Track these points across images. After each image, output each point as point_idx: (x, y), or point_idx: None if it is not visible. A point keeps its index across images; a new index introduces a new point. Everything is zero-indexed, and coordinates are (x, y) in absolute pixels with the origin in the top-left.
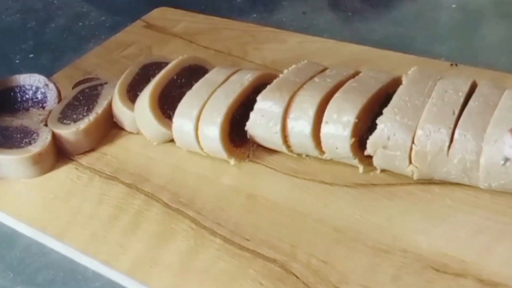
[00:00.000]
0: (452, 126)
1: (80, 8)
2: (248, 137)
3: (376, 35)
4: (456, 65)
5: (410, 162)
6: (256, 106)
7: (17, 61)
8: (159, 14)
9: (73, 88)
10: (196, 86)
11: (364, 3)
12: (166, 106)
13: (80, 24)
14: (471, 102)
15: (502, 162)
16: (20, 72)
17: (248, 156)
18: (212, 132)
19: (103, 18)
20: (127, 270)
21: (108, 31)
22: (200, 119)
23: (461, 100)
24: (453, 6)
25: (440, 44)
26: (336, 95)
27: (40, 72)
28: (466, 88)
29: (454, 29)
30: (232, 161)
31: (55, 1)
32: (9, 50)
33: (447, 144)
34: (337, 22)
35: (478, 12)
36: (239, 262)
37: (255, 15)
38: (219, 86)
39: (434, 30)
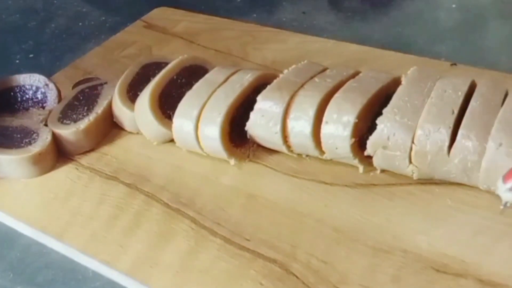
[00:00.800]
0: (451, 126)
1: (80, 8)
2: (248, 137)
3: (376, 35)
4: (455, 64)
5: (410, 162)
6: (256, 106)
7: (17, 61)
8: (159, 14)
9: (73, 88)
10: (196, 86)
11: (364, 3)
12: (166, 106)
13: (80, 24)
14: (472, 102)
15: (502, 206)
16: (20, 72)
17: (248, 156)
18: (212, 132)
19: (103, 18)
20: (127, 270)
21: (108, 31)
22: (200, 119)
23: (461, 100)
24: (453, 6)
25: (440, 44)
26: (336, 95)
27: (40, 72)
28: (465, 88)
29: (454, 29)
30: (232, 161)
31: (55, 1)
32: (9, 50)
33: (447, 143)
34: (337, 22)
35: (478, 12)
36: (239, 262)
37: (255, 15)
38: (219, 86)
39: (434, 30)
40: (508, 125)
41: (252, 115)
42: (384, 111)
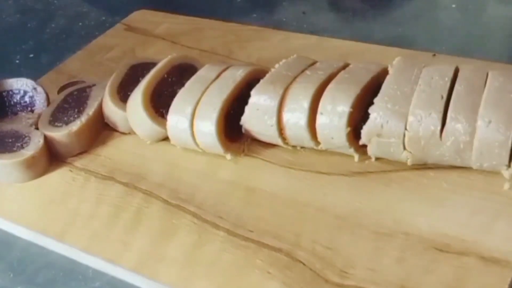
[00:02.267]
0: (442, 110)
1: (80, 8)
2: (243, 131)
3: (376, 35)
4: (434, 55)
5: (404, 148)
6: (250, 101)
7: (17, 61)
8: (139, 17)
9: (58, 92)
10: (189, 83)
11: (364, 3)
12: (158, 104)
13: (80, 24)
14: (457, 86)
15: None
16: (21, 72)
17: (243, 151)
18: (207, 127)
19: (103, 18)
20: (133, 266)
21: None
22: (195, 115)
23: (448, 85)
24: (453, 6)
25: (440, 44)
26: (330, 86)
27: (40, 72)
28: (451, 74)
29: (454, 29)
30: (228, 156)
31: (55, 1)
32: (9, 50)
33: (439, 127)
34: (337, 22)
35: (478, 12)
36: (245, 253)
37: (255, 15)
38: (211, 82)
39: (434, 30)
40: (494, 103)
41: (247, 109)
42: (375, 100)
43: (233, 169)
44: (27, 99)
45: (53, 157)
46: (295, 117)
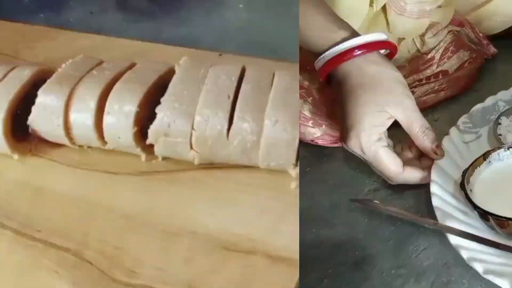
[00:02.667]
0: (229, 110)
1: None
2: (30, 131)
3: (164, 35)
4: (221, 54)
5: (192, 147)
6: (37, 100)
7: None
8: None
9: None
10: None
11: (152, 3)
12: None
13: None
14: (243, 86)
15: None
16: None
17: (30, 150)
18: None
19: None
20: None
21: None
22: None
23: (235, 84)
24: (240, 6)
25: (229, 42)
26: (116, 86)
27: None
28: (237, 73)
29: (241, 28)
30: (15, 156)
31: None
32: None
33: (225, 127)
34: (125, 22)
35: (265, 11)
36: (32, 253)
37: (42, 15)
38: None
39: (221, 29)
40: (281, 103)
41: (34, 109)
42: (162, 99)
43: (21, 169)
44: None
45: None
46: (82, 117)
